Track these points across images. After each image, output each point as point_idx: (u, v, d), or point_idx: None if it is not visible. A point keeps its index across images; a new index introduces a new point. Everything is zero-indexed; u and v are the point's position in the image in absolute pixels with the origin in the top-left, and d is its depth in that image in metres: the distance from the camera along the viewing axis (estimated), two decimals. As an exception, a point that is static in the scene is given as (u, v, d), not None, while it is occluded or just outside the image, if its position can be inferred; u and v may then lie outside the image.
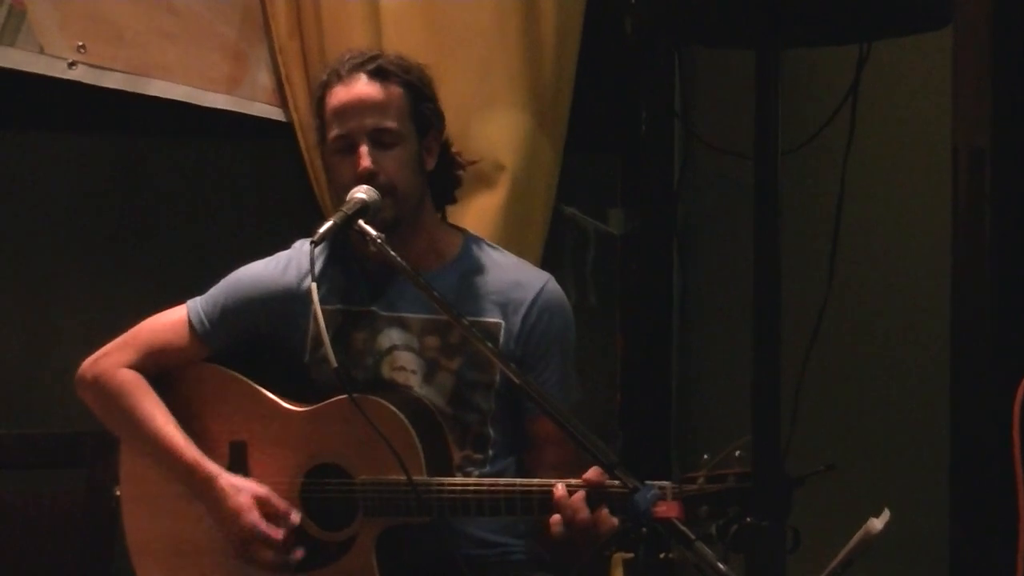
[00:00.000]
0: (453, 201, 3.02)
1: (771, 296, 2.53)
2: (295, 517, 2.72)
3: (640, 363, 4.11)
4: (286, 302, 2.86)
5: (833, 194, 2.71)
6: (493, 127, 3.67)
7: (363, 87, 2.80)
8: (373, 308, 2.85)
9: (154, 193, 3.79)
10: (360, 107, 2.79)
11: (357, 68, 2.82)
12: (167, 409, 2.85)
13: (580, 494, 2.51)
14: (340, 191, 2.77)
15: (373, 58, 2.84)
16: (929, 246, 3.19)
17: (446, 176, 2.96)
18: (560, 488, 2.53)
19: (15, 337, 3.68)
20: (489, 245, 2.98)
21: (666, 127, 4.06)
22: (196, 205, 3.80)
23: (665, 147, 4.06)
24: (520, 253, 3.15)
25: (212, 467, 2.78)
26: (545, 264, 3.63)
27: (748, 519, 2.23)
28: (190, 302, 2.92)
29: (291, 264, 2.90)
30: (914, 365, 3.26)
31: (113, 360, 2.90)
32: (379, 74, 2.82)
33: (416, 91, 2.86)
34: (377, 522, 2.68)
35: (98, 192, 3.75)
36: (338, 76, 2.82)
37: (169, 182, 3.80)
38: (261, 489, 2.74)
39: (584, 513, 2.50)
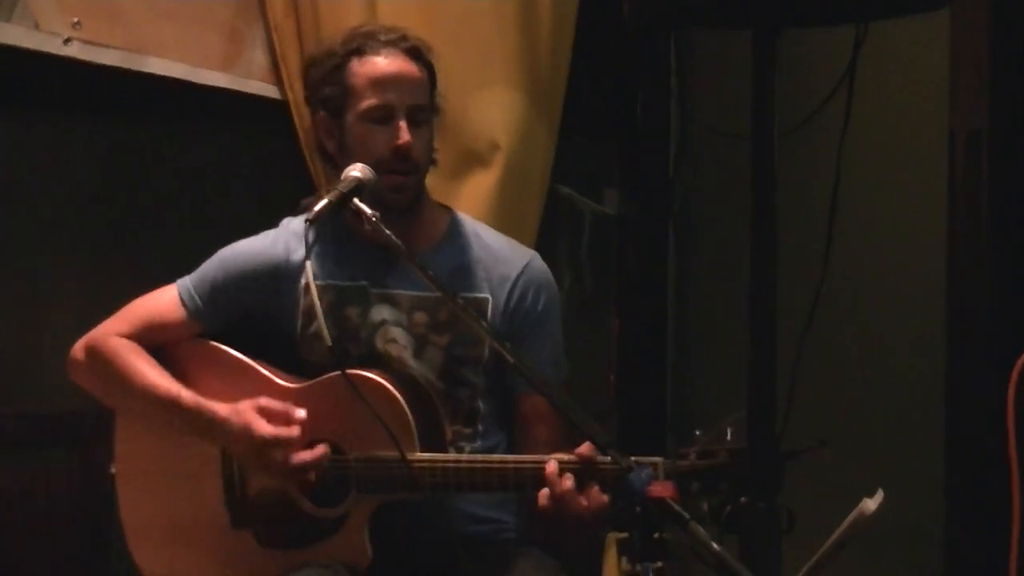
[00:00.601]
0: None
1: (767, 278, 2.54)
2: (300, 413, 2.71)
3: (636, 344, 4.11)
4: (276, 278, 2.86)
5: (830, 176, 2.71)
6: (489, 107, 3.66)
7: (404, 63, 2.83)
8: (363, 283, 2.86)
9: (148, 174, 3.77)
10: (402, 81, 2.81)
11: (393, 44, 2.84)
12: (162, 368, 2.85)
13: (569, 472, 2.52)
14: (367, 159, 2.76)
15: (405, 37, 2.87)
16: (926, 228, 3.19)
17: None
18: (552, 464, 2.53)
19: (8, 316, 3.67)
20: (475, 223, 2.99)
21: (662, 109, 4.06)
22: (190, 186, 3.79)
23: (661, 129, 4.05)
24: (515, 232, 3.16)
25: (211, 403, 2.78)
26: (540, 244, 3.62)
27: (742, 499, 2.24)
28: (179, 281, 2.92)
29: (279, 240, 2.91)
30: (910, 347, 3.27)
31: (105, 332, 2.91)
32: (413, 53, 2.85)
33: (433, 75, 2.89)
34: (370, 499, 2.68)
35: (91, 174, 3.73)
36: (372, 47, 2.82)
37: (163, 163, 3.78)
38: (259, 400, 2.74)
39: (573, 489, 2.50)
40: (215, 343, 2.88)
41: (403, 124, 2.79)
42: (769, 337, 2.54)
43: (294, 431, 2.69)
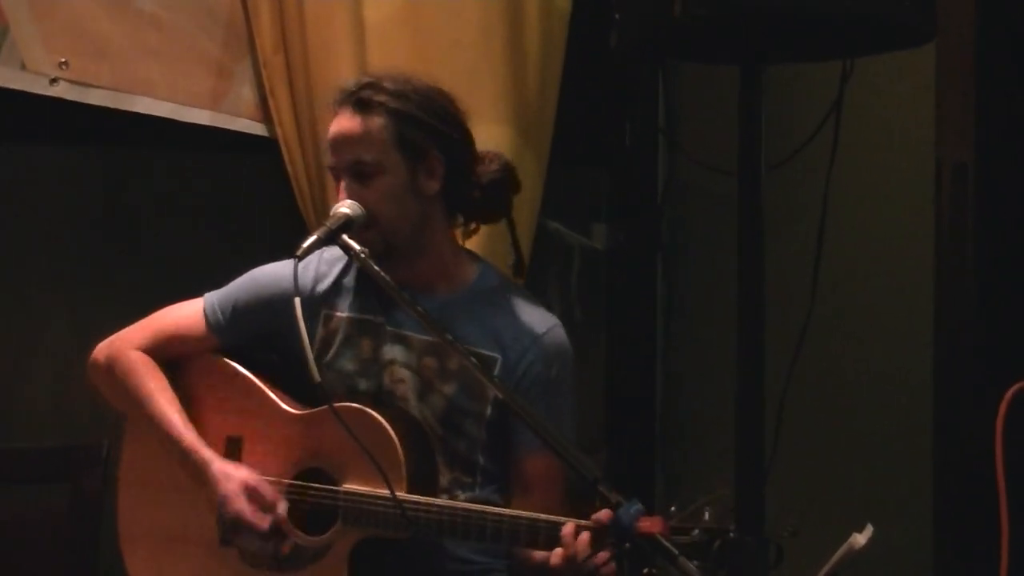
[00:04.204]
0: (485, 220, 2.99)
1: (755, 310, 2.55)
2: (282, 508, 2.74)
3: (625, 377, 4.11)
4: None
5: (817, 209, 2.72)
6: (477, 141, 3.65)
7: (345, 121, 2.79)
8: (381, 320, 2.85)
9: (137, 207, 3.78)
10: (341, 141, 2.78)
11: (345, 100, 2.80)
12: (172, 393, 2.89)
13: (586, 535, 2.44)
14: None
15: (361, 87, 2.81)
16: (913, 260, 3.20)
17: (461, 195, 2.90)
18: (569, 526, 2.47)
19: (-2, 350, 3.68)
20: (505, 278, 2.96)
21: (650, 142, 4.07)
22: (179, 219, 3.80)
23: (649, 162, 4.06)
24: (504, 268, 3.15)
25: (207, 453, 2.81)
26: (529, 279, 3.62)
27: (731, 534, 2.23)
28: (207, 295, 2.95)
29: (309, 267, 2.90)
30: (897, 379, 3.27)
31: (126, 341, 2.94)
32: (360, 105, 2.78)
33: (403, 117, 2.79)
34: (354, 532, 2.68)
35: (81, 206, 3.74)
36: (334, 106, 2.82)
37: (152, 196, 3.80)
38: (252, 478, 2.76)
39: (587, 552, 2.44)
40: (230, 361, 2.91)
41: (341, 184, 2.77)
42: (757, 367, 2.55)
43: (265, 523, 2.73)
